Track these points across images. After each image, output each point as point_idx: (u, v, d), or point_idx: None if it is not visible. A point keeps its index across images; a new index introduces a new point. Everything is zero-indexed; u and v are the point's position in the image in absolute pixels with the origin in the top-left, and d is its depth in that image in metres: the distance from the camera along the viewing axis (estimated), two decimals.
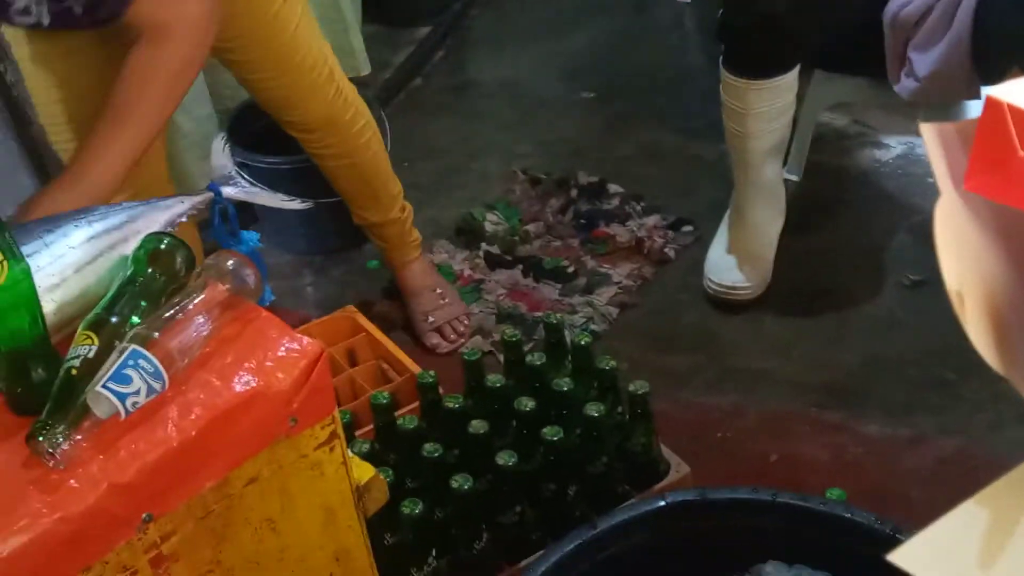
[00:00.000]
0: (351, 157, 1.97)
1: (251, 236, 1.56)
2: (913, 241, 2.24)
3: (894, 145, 2.52)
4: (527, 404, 1.53)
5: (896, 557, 0.83)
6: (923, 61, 1.99)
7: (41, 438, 1.01)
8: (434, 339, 2.15)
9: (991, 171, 0.84)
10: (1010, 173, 0.82)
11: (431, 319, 2.16)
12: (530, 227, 2.46)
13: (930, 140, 0.94)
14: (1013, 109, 0.82)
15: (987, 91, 0.86)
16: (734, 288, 2.20)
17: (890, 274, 2.20)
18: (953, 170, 0.91)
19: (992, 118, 0.84)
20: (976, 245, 0.90)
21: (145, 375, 1.04)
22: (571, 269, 2.33)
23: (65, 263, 1.18)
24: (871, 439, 1.89)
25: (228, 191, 1.49)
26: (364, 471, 1.27)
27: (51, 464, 1.01)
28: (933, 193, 0.89)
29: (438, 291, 2.18)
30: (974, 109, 2.03)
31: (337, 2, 2.76)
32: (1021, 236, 0.91)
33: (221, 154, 1.99)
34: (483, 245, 2.41)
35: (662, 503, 1.27)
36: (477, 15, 3.32)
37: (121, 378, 1.03)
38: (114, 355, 1.05)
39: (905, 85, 2.04)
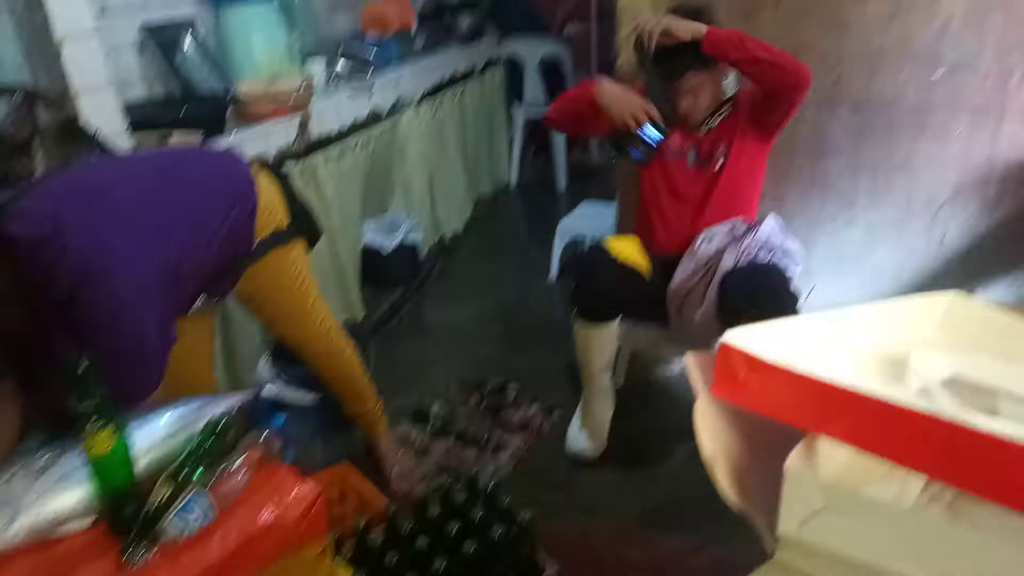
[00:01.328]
0: (340, 372, 1.90)
1: (280, 418, 1.50)
2: (691, 424, 2.23)
3: (677, 364, 2.55)
4: (454, 526, 1.46)
5: None
6: (689, 318, 2.03)
7: (129, 553, 0.94)
8: (396, 484, 2.05)
9: (727, 385, 0.87)
10: (737, 386, 0.85)
11: (395, 471, 2.06)
12: (460, 410, 2.41)
13: (691, 365, 0.97)
14: (735, 349, 0.85)
15: (723, 337, 0.89)
16: (583, 451, 2.15)
17: (679, 442, 2.19)
18: (706, 382, 0.93)
19: (725, 353, 0.87)
20: (720, 428, 0.91)
21: (203, 509, 0.99)
22: (485, 438, 2.26)
23: (156, 436, 1.14)
24: (671, 547, 1.83)
25: (267, 389, 1.46)
26: (344, 574, 1.20)
27: (134, 570, 0.93)
28: None
29: (399, 454, 2.10)
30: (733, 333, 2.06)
31: (343, 274, 2.79)
32: (746, 422, 0.93)
33: (264, 366, 1.96)
34: (430, 423, 2.34)
35: None
36: (431, 285, 3.36)
37: (187, 510, 0.97)
38: (183, 496, 1.00)
39: (679, 330, 2.08)
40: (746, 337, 0.86)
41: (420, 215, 3.39)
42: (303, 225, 1.69)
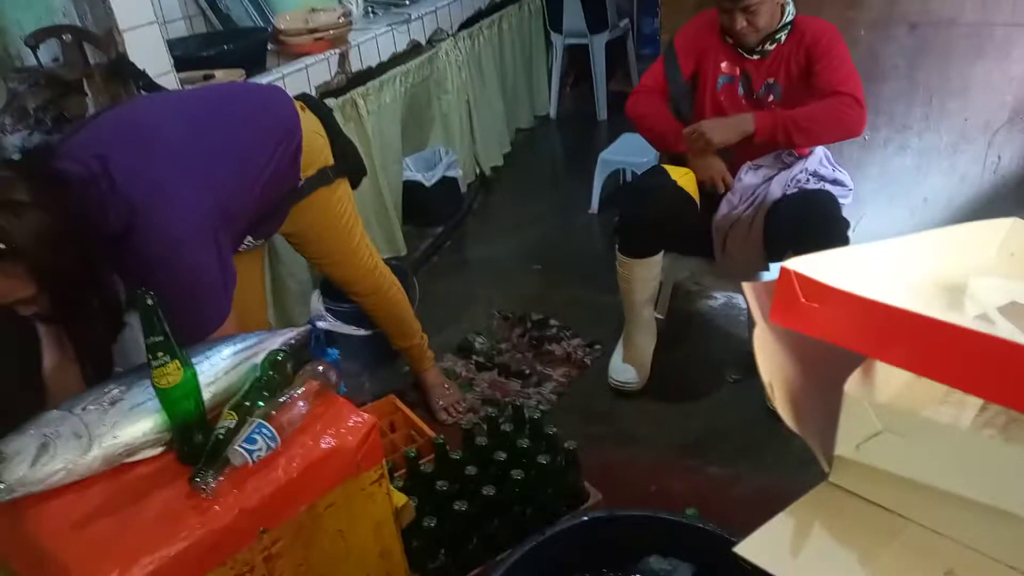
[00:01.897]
0: (386, 309, 1.94)
1: (333, 352, 1.55)
2: (733, 356, 2.24)
3: (720, 297, 2.54)
4: (501, 455, 1.51)
5: (739, 549, 0.82)
6: (735, 249, 2.02)
7: (198, 479, 0.99)
8: (443, 415, 2.12)
9: (786, 311, 0.87)
10: (797, 312, 0.85)
11: (441, 403, 2.12)
12: (503, 346, 2.44)
13: (749, 293, 0.97)
14: (795, 274, 0.85)
15: (779, 264, 0.89)
16: (627, 383, 2.18)
17: (721, 374, 2.20)
18: (763, 310, 0.93)
19: (785, 279, 0.87)
20: (779, 355, 0.92)
21: (266, 439, 1.03)
22: (527, 371, 2.30)
23: (218, 368, 1.18)
24: (713, 476, 1.86)
25: (321, 324, 1.50)
26: (399, 499, 1.25)
27: (204, 496, 0.99)
28: (745, 326, 0.91)
29: (445, 386, 2.15)
30: (765, 277, 2.04)
31: (386, 210, 2.81)
32: (804, 348, 0.93)
33: (317, 302, 2.01)
34: (474, 356, 2.39)
35: (585, 519, 1.24)
36: (471, 220, 3.37)
37: (250, 440, 1.02)
38: (246, 426, 1.04)
39: (723, 263, 2.07)
40: (804, 263, 0.86)
41: (460, 149, 3.38)
42: (348, 164, 1.70)
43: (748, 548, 0.82)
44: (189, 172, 1.28)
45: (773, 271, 1.99)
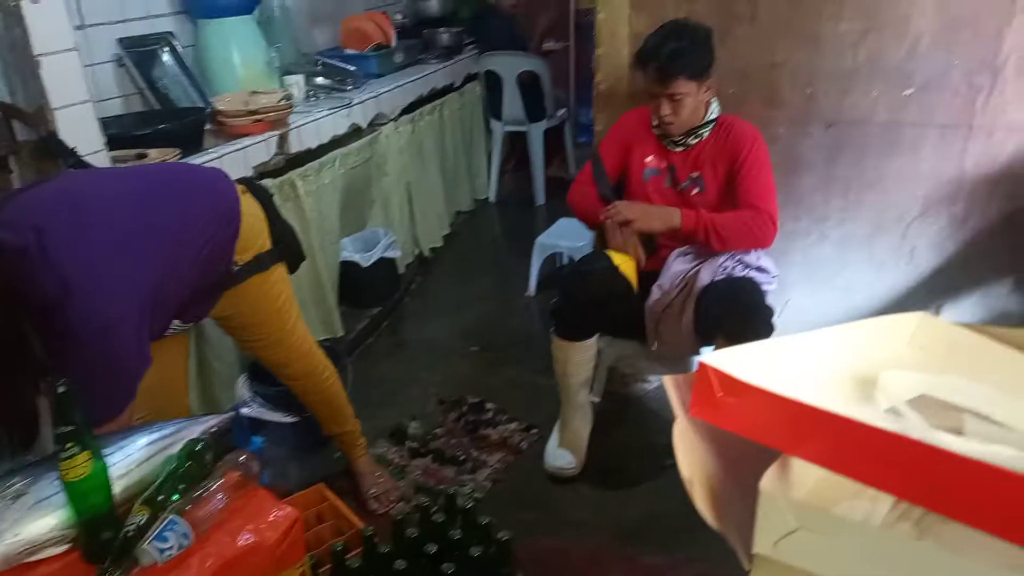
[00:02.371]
0: (319, 393, 1.89)
1: (257, 440, 1.50)
2: (668, 439, 2.24)
3: (655, 380, 2.57)
4: (432, 548, 1.46)
5: None
6: (667, 333, 2.06)
7: None
8: (374, 505, 2.04)
9: (704, 405, 0.88)
10: (715, 407, 0.87)
11: (372, 491, 2.06)
12: (438, 431, 2.40)
13: (669, 386, 0.99)
14: (712, 369, 0.87)
15: (700, 355, 0.91)
16: (563, 468, 2.16)
17: (657, 459, 2.20)
18: (684, 403, 0.95)
19: (703, 373, 0.89)
20: (698, 449, 0.93)
21: (178, 536, 0.98)
22: (462, 457, 2.26)
23: (132, 459, 1.13)
24: (649, 565, 1.84)
25: (245, 411, 1.45)
26: None
27: None
28: None
29: (377, 474, 2.09)
30: (696, 361, 2.07)
31: (322, 291, 2.78)
32: (723, 443, 0.95)
33: (243, 386, 1.95)
34: (407, 442, 2.34)
35: None
36: (408, 301, 3.36)
37: (161, 538, 0.97)
38: (159, 522, 0.99)
39: (657, 347, 2.10)
40: (723, 358, 0.88)
41: (399, 230, 3.39)
42: (286, 249, 1.68)
43: None
44: (124, 253, 1.26)
45: (704, 356, 2.03)
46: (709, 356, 0.87)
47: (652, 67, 1.91)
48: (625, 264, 2.02)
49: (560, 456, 2.17)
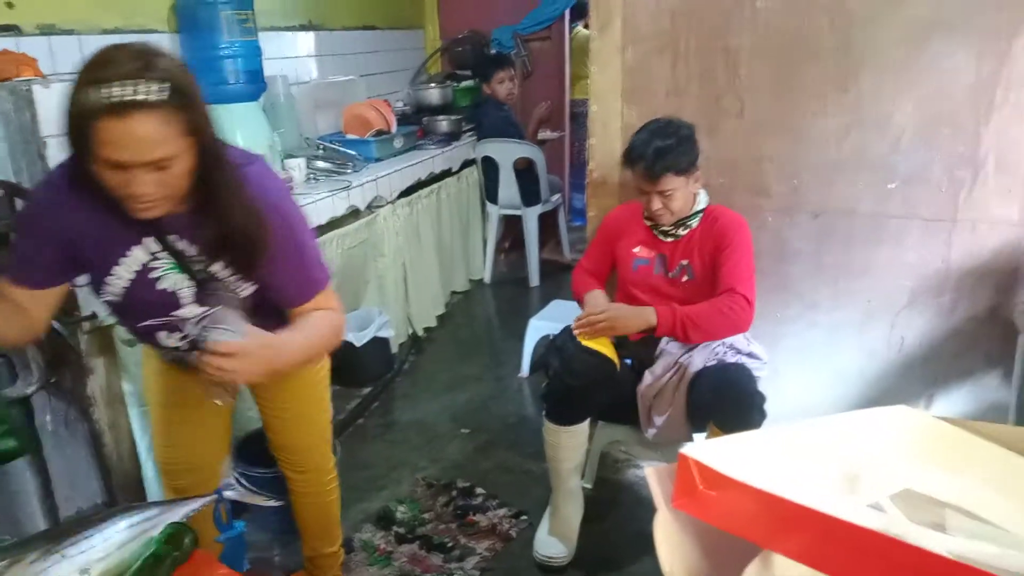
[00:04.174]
0: (320, 497, 1.83)
1: (239, 524, 1.47)
2: None
3: (647, 466, 2.53)
4: None
5: None
6: (659, 419, 2.05)
7: None
8: None
9: (685, 497, 0.88)
10: (696, 499, 0.86)
11: None
12: (426, 516, 2.36)
13: (651, 477, 0.98)
14: (693, 462, 0.87)
15: (681, 448, 0.91)
16: (553, 557, 2.11)
17: (649, 546, 2.14)
18: (666, 495, 0.95)
19: (684, 465, 0.89)
20: (681, 541, 0.92)
21: None
22: (450, 544, 2.21)
23: (111, 543, 1.11)
24: None
25: (228, 494, 1.43)
26: None
27: None
28: None
29: None
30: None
31: None
32: (706, 536, 0.94)
33: (227, 468, 1.92)
34: (394, 528, 2.29)
35: None
36: (400, 381, 3.35)
37: None
38: None
39: (650, 432, 2.10)
40: (705, 450, 0.88)
41: (393, 309, 3.42)
42: None
43: None
44: None
45: (698, 441, 2.02)
46: (691, 448, 0.88)
47: (640, 166, 1.98)
48: (598, 344, 2.03)
49: (550, 544, 2.13)
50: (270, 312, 1.40)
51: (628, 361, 2.14)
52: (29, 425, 1.84)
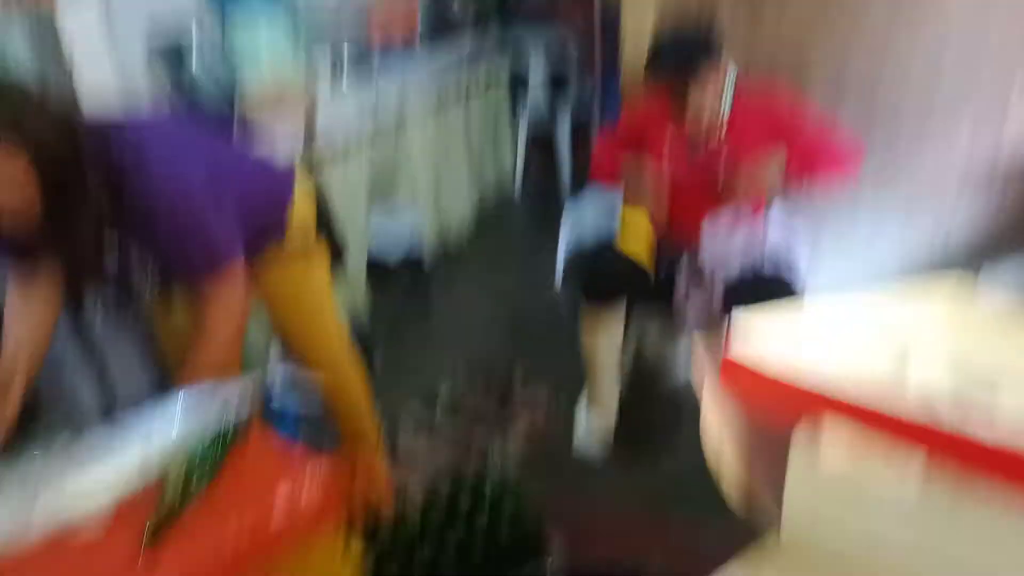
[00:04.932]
0: (343, 391, 1.82)
1: (292, 402, 1.50)
2: (695, 414, 2.23)
3: (682, 359, 2.54)
4: (465, 505, 1.47)
5: None
6: (695, 315, 2.04)
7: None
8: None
9: (733, 378, 0.88)
10: (740, 388, 0.86)
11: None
12: (467, 399, 2.42)
13: (698, 349, 0.99)
14: (736, 357, 0.86)
15: (727, 334, 0.91)
16: (591, 445, 2.18)
17: (686, 434, 2.18)
18: (714, 367, 0.95)
19: (728, 359, 0.88)
20: (727, 419, 0.93)
21: None
22: (491, 427, 2.27)
23: (171, 427, 1.15)
24: (678, 531, 1.81)
25: (279, 372, 1.47)
26: (359, 551, 1.20)
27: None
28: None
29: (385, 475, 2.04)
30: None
31: (349, 281, 2.80)
32: (752, 408, 0.94)
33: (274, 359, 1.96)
34: (437, 410, 2.36)
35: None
36: (437, 291, 3.36)
37: None
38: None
39: (686, 327, 2.09)
40: (750, 332, 0.87)
41: (424, 221, 3.41)
42: (331, 239, 1.72)
43: None
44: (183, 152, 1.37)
45: (736, 321, 2.02)
46: (737, 333, 0.87)
47: (669, 64, 1.91)
48: (637, 233, 1.98)
49: (589, 433, 2.18)
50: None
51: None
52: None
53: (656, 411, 2.35)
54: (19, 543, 0.96)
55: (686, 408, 2.31)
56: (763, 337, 0.87)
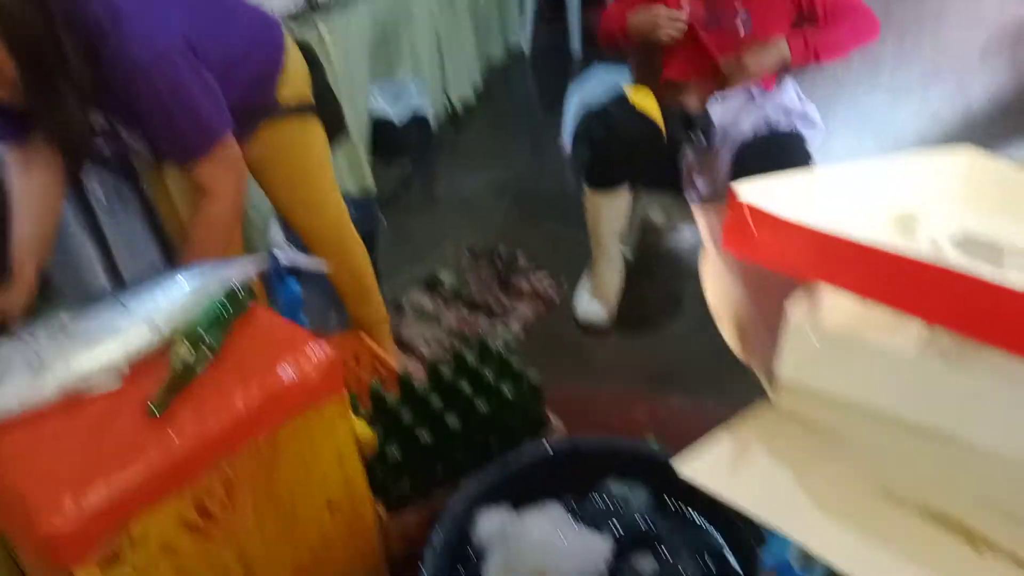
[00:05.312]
0: (346, 271, 1.84)
1: (293, 282, 1.52)
2: (698, 290, 2.25)
3: (688, 232, 2.55)
4: (466, 386, 1.51)
5: (676, 463, 0.85)
6: (702, 184, 2.02)
7: (155, 407, 0.99)
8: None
9: (735, 238, 0.87)
10: (745, 240, 0.85)
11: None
12: (470, 281, 2.44)
13: (700, 217, 0.97)
14: (746, 204, 0.84)
15: (734, 189, 0.88)
16: (592, 317, 2.19)
17: (687, 309, 2.22)
18: (714, 235, 0.94)
19: (735, 207, 0.86)
20: (727, 280, 0.93)
21: None
22: (494, 307, 2.30)
23: (174, 300, 1.16)
24: (676, 406, 1.89)
25: (277, 253, 1.48)
26: (363, 430, 1.25)
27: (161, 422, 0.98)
28: None
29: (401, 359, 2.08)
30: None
31: (353, 146, 2.75)
32: (753, 276, 0.94)
33: (276, 232, 1.97)
34: (440, 292, 2.38)
35: (546, 447, 1.27)
36: (444, 153, 3.32)
37: None
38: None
39: (693, 197, 2.07)
40: (756, 191, 0.85)
41: (429, 82, 3.30)
42: (327, 111, 1.65)
43: (685, 464, 0.84)
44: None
45: (738, 187, 2.00)
46: (743, 188, 0.85)
47: None
48: (647, 101, 1.94)
49: (591, 306, 2.20)
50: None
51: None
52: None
53: (659, 287, 2.36)
54: (34, 404, 1.01)
55: (690, 284, 2.33)
56: (767, 199, 0.86)
